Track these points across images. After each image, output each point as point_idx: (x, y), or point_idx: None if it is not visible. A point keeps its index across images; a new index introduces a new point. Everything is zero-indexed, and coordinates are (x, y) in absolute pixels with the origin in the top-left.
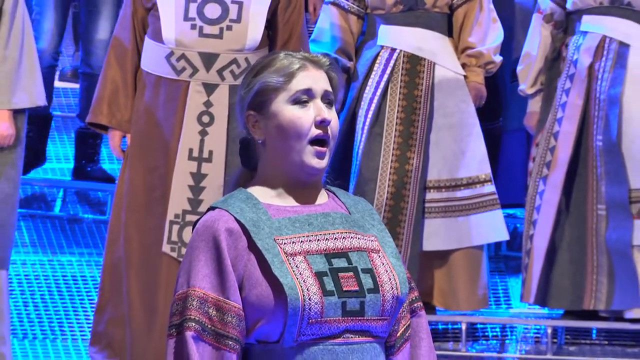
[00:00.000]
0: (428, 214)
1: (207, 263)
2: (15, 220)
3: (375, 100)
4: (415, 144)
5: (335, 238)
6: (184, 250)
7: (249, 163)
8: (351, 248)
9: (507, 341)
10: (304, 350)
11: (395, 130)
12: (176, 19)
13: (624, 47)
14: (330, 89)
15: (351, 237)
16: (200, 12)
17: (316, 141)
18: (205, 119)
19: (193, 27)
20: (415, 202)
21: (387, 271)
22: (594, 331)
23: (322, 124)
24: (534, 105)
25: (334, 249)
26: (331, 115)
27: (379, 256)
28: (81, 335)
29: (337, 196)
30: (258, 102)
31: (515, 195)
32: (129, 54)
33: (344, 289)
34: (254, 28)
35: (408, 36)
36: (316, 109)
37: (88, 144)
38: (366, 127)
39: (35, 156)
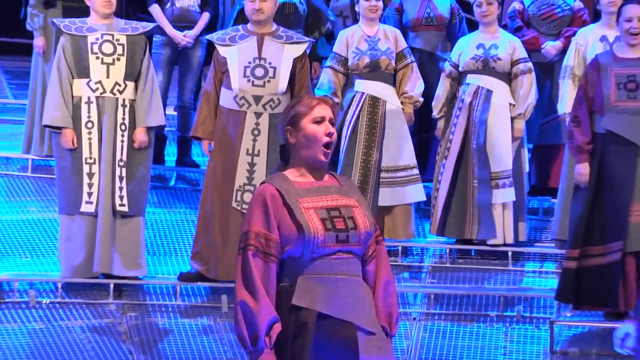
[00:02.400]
0: (382, 186)
1: (259, 213)
2: (148, 188)
3: (352, 122)
4: (374, 147)
5: (332, 199)
6: (244, 206)
7: (284, 158)
8: (341, 205)
9: (424, 256)
10: (314, 262)
11: (364, 139)
12: (239, 77)
13: (490, 92)
14: (332, 116)
15: (341, 199)
16: (252, 72)
17: (326, 145)
18: (255, 132)
19: (248, 81)
20: (375, 179)
21: (361, 217)
22: (472, 251)
23: (329, 135)
24: (440, 124)
25: (331, 206)
26: (333, 130)
27: (357, 209)
28: (187, 253)
29: (334, 176)
30: (293, 122)
31: (431, 174)
32: (212, 97)
33: (337, 227)
34: (283, 82)
35: (371, 86)
36: (326, 127)
37: (184, 146)
38: (347, 137)
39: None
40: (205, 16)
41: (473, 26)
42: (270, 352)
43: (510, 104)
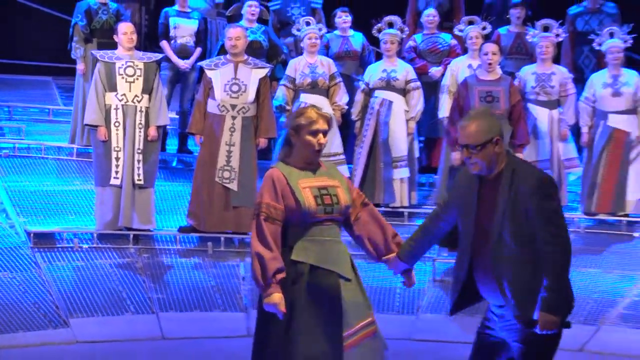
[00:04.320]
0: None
1: (269, 189)
2: (157, 168)
3: None
4: None
5: (322, 181)
6: (224, 180)
7: (288, 149)
8: (328, 185)
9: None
10: (308, 228)
11: None
12: (221, 91)
13: (391, 102)
14: (327, 128)
15: (328, 181)
16: (230, 88)
17: (317, 151)
18: (232, 129)
19: (227, 94)
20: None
21: (342, 195)
22: (381, 212)
23: (320, 145)
24: (357, 124)
25: (321, 186)
26: (324, 141)
27: (340, 189)
28: (184, 213)
29: (322, 163)
30: (296, 129)
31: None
32: (202, 105)
33: (325, 202)
34: (251, 95)
35: (311, 98)
36: (319, 139)
37: (182, 139)
38: None
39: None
40: (198, 50)
41: (379, 56)
42: (277, 286)
43: (405, 110)
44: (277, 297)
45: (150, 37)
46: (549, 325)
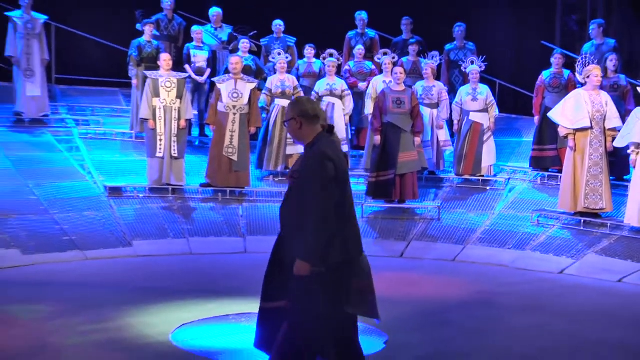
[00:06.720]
0: (288, 145)
1: None
2: (185, 146)
3: (272, 120)
4: (283, 131)
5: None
6: (229, 153)
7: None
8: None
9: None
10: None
11: (278, 128)
12: (226, 97)
13: (334, 104)
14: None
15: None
16: (232, 95)
17: None
18: (233, 122)
19: (230, 99)
20: (284, 145)
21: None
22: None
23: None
24: None
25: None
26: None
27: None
28: (203, 174)
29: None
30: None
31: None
32: (214, 106)
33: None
34: (246, 99)
35: (282, 102)
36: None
37: (202, 127)
38: (270, 128)
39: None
40: (208, 71)
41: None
42: None
43: (342, 109)
44: None
45: (178, 63)
46: (298, 268)
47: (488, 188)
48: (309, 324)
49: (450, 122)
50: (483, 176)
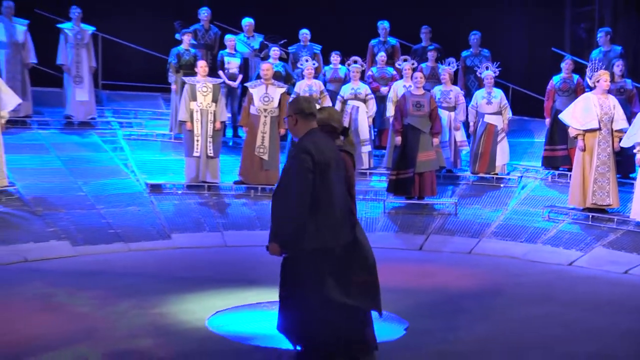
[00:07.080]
0: None
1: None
2: (220, 146)
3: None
4: None
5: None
6: (260, 152)
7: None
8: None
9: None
10: None
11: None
12: (258, 101)
13: (358, 107)
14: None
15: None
16: (263, 99)
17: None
18: (264, 124)
19: (262, 103)
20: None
21: None
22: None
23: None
24: None
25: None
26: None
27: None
28: (236, 172)
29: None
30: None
31: None
32: (247, 108)
33: None
34: (276, 103)
35: None
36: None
37: (235, 129)
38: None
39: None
40: (240, 76)
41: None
42: None
43: (365, 112)
44: None
45: (213, 69)
46: (271, 250)
47: (502, 185)
48: (308, 315)
49: (466, 124)
50: (497, 174)
